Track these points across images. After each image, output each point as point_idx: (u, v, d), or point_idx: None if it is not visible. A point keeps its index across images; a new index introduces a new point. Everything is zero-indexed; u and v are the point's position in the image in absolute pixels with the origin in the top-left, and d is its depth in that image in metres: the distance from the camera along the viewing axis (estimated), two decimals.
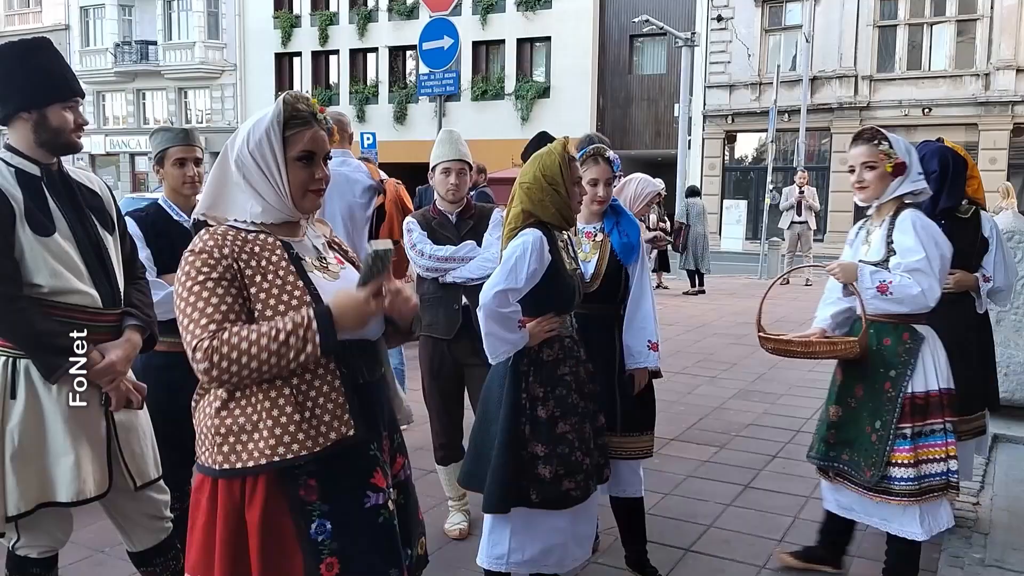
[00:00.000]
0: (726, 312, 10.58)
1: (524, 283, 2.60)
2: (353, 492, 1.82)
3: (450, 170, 3.55)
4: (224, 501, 1.78)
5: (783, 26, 23.34)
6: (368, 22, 28.59)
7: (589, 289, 3.10)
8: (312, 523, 1.77)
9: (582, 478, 2.71)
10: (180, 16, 31.28)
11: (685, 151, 18.79)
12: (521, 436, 2.67)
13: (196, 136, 3.14)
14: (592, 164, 3.13)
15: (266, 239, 1.85)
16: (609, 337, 3.16)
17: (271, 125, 1.81)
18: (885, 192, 2.98)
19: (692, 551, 3.51)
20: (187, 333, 1.73)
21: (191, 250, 1.79)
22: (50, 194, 2.35)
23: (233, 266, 1.77)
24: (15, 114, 2.33)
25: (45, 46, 2.38)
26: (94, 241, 2.41)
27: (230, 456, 1.77)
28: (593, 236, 3.20)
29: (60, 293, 2.30)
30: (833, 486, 3.14)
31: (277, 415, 1.76)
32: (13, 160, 2.33)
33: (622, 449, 3.14)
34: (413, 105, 27.72)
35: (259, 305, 1.77)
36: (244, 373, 1.70)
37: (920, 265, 2.86)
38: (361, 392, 1.87)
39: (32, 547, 2.40)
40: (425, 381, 3.70)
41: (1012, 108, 20.44)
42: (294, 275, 1.82)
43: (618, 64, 26.37)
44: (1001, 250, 3.73)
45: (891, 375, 2.93)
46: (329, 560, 1.77)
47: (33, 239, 2.26)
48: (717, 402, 6.02)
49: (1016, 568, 3.35)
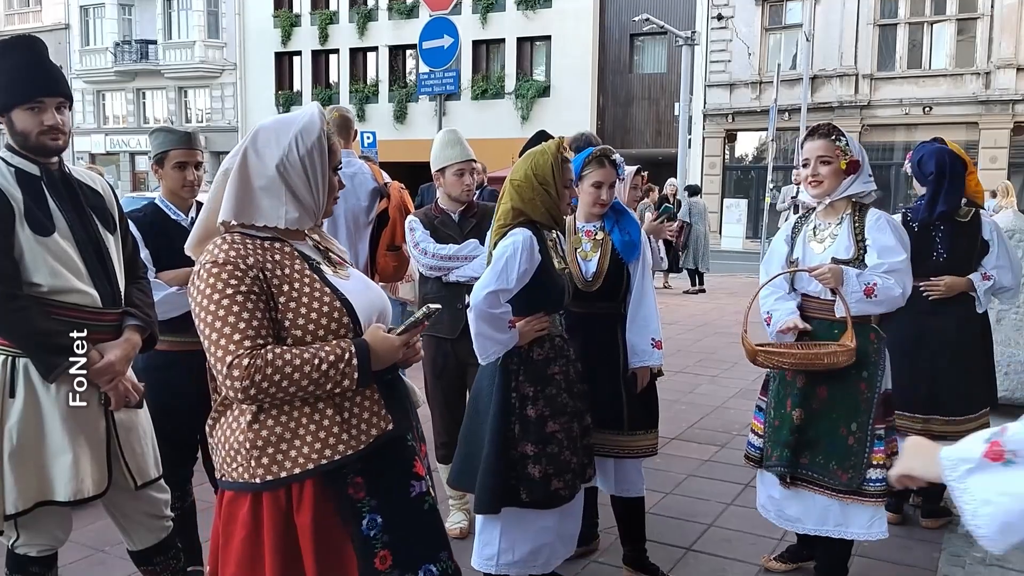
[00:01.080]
0: (727, 311, 10.58)
1: (515, 283, 2.60)
2: (398, 484, 1.87)
3: (463, 171, 3.57)
4: (271, 511, 1.77)
5: (783, 25, 23.33)
6: (368, 21, 28.58)
7: (591, 288, 3.10)
8: (363, 519, 1.79)
9: (570, 477, 2.71)
10: (180, 15, 31.24)
11: (685, 150, 18.78)
12: (511, 435, 2.67)
13: (198, 139, 3.10)
14: (596, 166, 3.09)
15: (283, 247, 1.85)
16: (612, 336, 3.15)
17: (323, 132, 1.86)
18: (837, 190, 2.96)
19: (693, 550, 3.51)
20: (218, 348, 1.70)
21: (213, 261, 1.75)
22: (50, 194, 2.35)
23: (260, 276, 1.76)
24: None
25: (19, 46, 2.33)
26: (94, 240, 2.40)
27: (271, 467, 1.76)
28: (593, 235, 3.19)
29: (59, 292, 2.29)
30: (788, 494, 3.00)
31: (319, 419, 1.78)
32: (13, 160, 2.33)
33: (628, 448, 3.13)
34: (413, 104, 27.70)
35: (289, 315, 1.77)
36: (280, 395, 1.72)
37: (902, 266, 2.85)
38: (390, 386, 1.90)
39: (31, 546, 2.40)
40: (428, 380, 3.70)
41: (1012, 107, 20.42)
42: (320, 282, 1.83)
43: (618, 63, 26.36)
44: (1005, 249, 3.73)
45: (864, 375, 2.88)
46: (382, 553, 1.80)
47: (32, 239, 2.26)
48: (718, 401, 6.02)
49: (1017, 567, 3.35)
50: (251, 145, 1.85)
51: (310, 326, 1.77)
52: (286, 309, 1.77)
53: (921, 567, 3.41)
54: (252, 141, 1.85)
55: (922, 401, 3.70)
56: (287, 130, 1.84)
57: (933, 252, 3.70)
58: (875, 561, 3.47)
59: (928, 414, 3.69)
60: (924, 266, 3.72)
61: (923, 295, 3.71)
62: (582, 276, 3.14)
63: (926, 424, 3.70)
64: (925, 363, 3.69)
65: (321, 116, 1.87)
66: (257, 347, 1.70)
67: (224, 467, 1.83)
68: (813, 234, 3.05)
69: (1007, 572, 3.33)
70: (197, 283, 1.76)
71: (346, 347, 1.76)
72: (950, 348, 3.69)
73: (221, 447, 1.84)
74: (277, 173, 1.83)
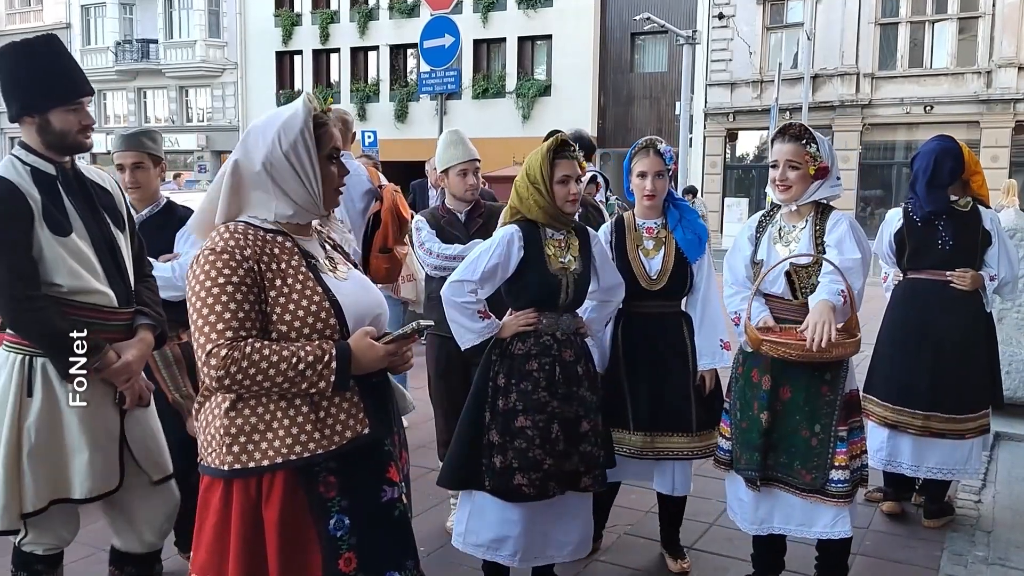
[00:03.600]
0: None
1: (478, 277, 2.72)
2: (370, 487, 1.86)
3: (467, 171, 3.58)
4: (240, 500, 1.78)
5: (784, 24, 23.30)
6: (369, 20, 28.56)
7: (655, 287, 3.11)
8: (331, 519, 1.79)
9: (538, 477, 2.68)
10: (181, 14, 31.22)
11: (686, 149, 18.78)
12: (481, 421, 2.73)
13: (141, 140, 3.07)
14: (642, 156, 3.11)
15: (283, 242, 1.85)
16: (680, 336, 3.17)
17: (305, 124, 1.82)
18: (804, 195, 2.89)
19: (695, 549, 3.51)
20: (201, 335, 1.72)
21: (212, 248, 1.76)
22: (65, 193, 2.36)
23: (254, 268, 1.76)
24: (19, 117, 2.33)
25: (49, 45, 2.35)
26: (108, 240, 2.42)
27: (241, 456, 1.76)
28: (655, 232, 3.17)
29: (78, 293, 2.31)
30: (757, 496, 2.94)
31: (293, 414, 1.78)
32: (28, 159, 2.33)
33: (695, 449, 3.16)
34: (414, 103, 27.68)
35: (278, 309, 1.77)
36: (254, 388, 1.73)
37: (853, 264, 2.79)
38: (373, 391, 1.89)
39: (38, 544, 2.42)
40: (432, 379, 3.70)
41: (1014, 106, 20.38)
42: (313, 281, 1.83)
43: (619, 62, 26.33)
44: (1003, 243, 3.73)
45: (827, 378, 2.83)
46: (347, 555, 1.79)
47: (52, 239, 2.27)
48: None
49: (1019, 566, 3.35)
50: (242, 145, 1.85)
51: (296, 323, 1.78)
52: (275, 303, 1.77)
53: (923, 566, 3.41)
54: (243, 141, 1.86)
55: (923, 397, 3.69)
56: (272, 127, 1.83)
57: (938, 241, 3.71)
58: (877, 560, 3.47)
59: (929, 411, 3.69)
60: (931, 255, 3.73)
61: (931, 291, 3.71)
62: (646, 274, 3.13)
63: (926, 421, 3.69)
64: (928, 359, 3.68)
65: (306, 107, 1.84)
66: (239, 338, 1.71)
67: (203, 451, 1.85)
68: (779, 236, 3.00)
69: (1009, 571, 3.33)
70: (194, 268, 1.77)
71: (327, 349, 1.76)
72: (957, 346, 3.68)
73: (203, 431, 1.86)
74: (264, 170, 1.82)
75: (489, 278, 2.75)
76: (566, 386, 2.76)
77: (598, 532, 3.48)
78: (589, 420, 2.81)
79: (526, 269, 2.75)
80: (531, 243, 2.75)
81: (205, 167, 29.55)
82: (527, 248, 2.75)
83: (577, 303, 2.87)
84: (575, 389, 2.78)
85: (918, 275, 3.80)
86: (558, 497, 2.76)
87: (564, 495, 2.78)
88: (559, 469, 2.72)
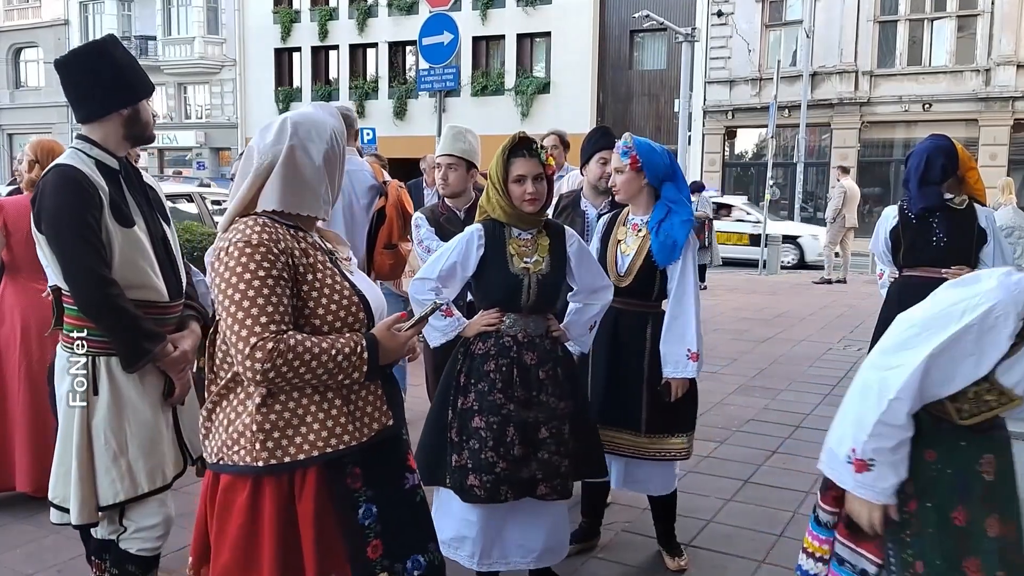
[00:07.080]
0: (727, 307, 10.57)
1: (437, 275, 2.74)
2: (394, 476, 1.93)
3: (440, 164, 3.59)
4: (273, 497, 1.79)
5: (783, 21, 23.30)
6: (368, 17, 28.53)
7: (621, 284, 3.09)
8: (359, 508, 1.84)
9: (489, 480, 2.62)
10: (179, 11, 31.19)
11: (685, 147, 18.76)
12: (444, 418, 2.74)
13: None
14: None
15: (306, 236, 1.89)
16: (638, 336, 3.11)
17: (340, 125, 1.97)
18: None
19: (692, 546, 3.52)
20: (243, 328, 1.70)
21: (247, 242, 1.75)
22: (127, 187, 2.40)
23: (289, 262, 1.79)
24: (109, 112, 2.35)
25: (118, 44, 2.42)
26: (160, 234, 2.47)
27: (276, 451, 1.77)
28: (638, 229, 3.14)
29: (135, 287, 2.34)
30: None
31: (327, 408, 1.81)
32: (93, 152, 2.36)
33: (645, 450, 3.13)
34: (413, 100, 27.67)
35: (311, 303, 1.80)
36: (295, 381, 1.75)
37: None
38: (387, 383, 1.96)
39: (133, 540, 2.46)
40: (430, 378, 3.71)
41: (1012, 104, 20.41)
42: (339, 275, 1.88)
43: (618, 59, 26.33)
44: (998, 241, 3.75)
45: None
46: (375, 543, 1.84)
47: (118, 230, 2.31)
48: (718, 397, 6.02)
49: None
50: (295, 139, 1.85)
51: (329, 317, 1.81)
52: (308, 297, 1.80)
53: None
54: (294, 135, 1.85)
55: None
56: (323, 126, 1.89)
57: (933, 238, 3.74)
58: None
59: None
60: (926, 252, 3.74)
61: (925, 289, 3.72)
62: (615, 270, 3.12)
63: None
64: None
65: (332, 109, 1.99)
66: (281, 332, 1.72)
67: (224, 451, 1.82)
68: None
69: None
70: (226, 260, 1.75)
71: (359, 340, 1.81)
72: None
73: (222, 430, 1.83)
74: (324, 165, 1.88)
75: (449, 276, 2.75)
76: (524, 390, 2.69)
77: (595, 529, 3.49)
78: (550, 427, 2.70)
79: (486, 268, 2.74)
80: (493, 242, 2.73)
81: (203, 164, 29.52)
82: (488, 247, 2.73)
83: (544, 305, 2.78)
84: (535, 394, 2.70)
85: (912, 272, 3.82)
86: (520, 502, 2.70)
87: (522, 501, 2.71)
88: (514, 474, 2.64)
